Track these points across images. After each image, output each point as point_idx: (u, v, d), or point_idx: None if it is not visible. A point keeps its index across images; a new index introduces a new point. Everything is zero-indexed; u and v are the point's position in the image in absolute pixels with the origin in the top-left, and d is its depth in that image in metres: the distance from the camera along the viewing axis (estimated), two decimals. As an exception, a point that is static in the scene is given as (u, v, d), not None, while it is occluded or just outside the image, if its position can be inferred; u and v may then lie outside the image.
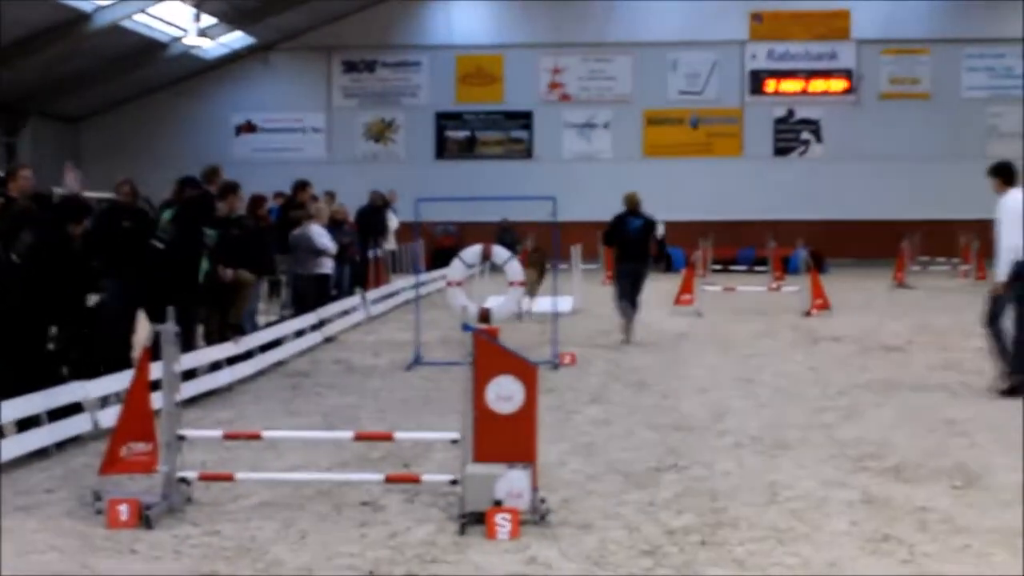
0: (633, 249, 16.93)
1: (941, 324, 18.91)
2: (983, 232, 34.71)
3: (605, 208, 33.04)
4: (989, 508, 7.22)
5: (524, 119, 40.03)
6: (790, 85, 39.72)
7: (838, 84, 39.70)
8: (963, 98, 39.48)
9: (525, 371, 6.94)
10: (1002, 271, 11.57)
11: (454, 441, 7.16)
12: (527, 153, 40.06)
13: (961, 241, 32.61)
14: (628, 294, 16.77)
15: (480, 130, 40.14)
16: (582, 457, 8.86)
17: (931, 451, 8.98)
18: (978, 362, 13.96)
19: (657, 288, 25.40)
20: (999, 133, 39.04)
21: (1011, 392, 11.43)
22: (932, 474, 8.18)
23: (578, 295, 22.03)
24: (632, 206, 17.02)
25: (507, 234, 35.00)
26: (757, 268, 31.13)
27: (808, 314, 20.26)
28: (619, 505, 7.35)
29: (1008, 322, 11.58)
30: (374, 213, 24.14)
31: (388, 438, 8.41)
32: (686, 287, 21.35)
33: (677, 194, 37.50)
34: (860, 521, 6.92)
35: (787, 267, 30.19)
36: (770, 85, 39.72)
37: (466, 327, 7.10)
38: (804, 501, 7.41)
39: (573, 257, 23.12)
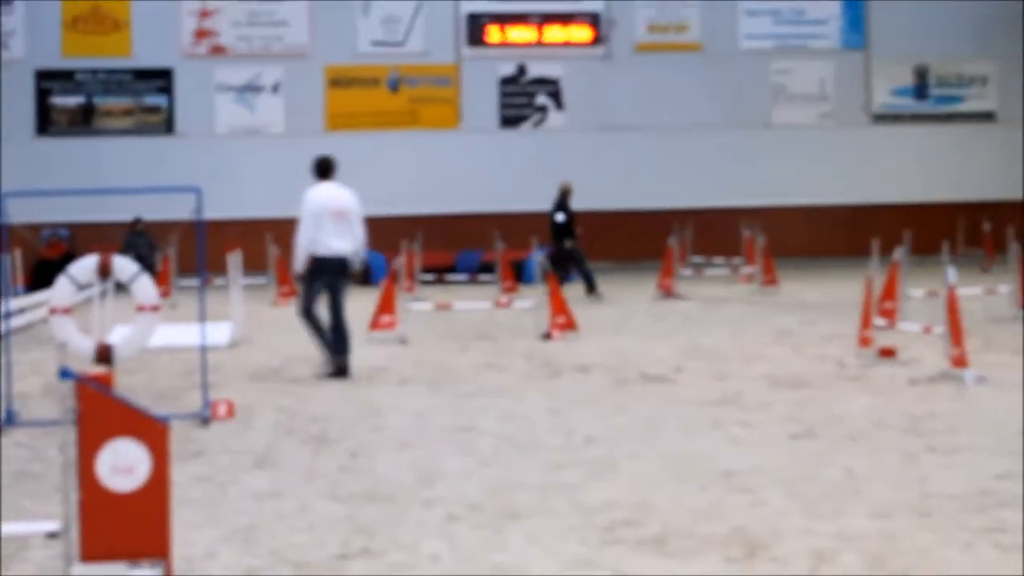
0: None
1: (717, 344, 19.63)
2: (774, 222, 36.55)
3: (274, 201, 32.73)
4: (774, 586, 7.48)
5: (161, 80, 39.56)
6: (520, 34, 40.55)
7: (582, 33, 40.76)
8: (742, 50, 41.19)
9: (150, 430, 6.80)
10: (298, 262, 16.80)
11: (52, 534, 6.92)
12: (167, 127, 39.59)
13: (744, 235, 33.88)
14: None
15: (100, 95, 39.51)
16: (239, 545, 8.72)
17: (703, 513, 9.24)
18: (762, 394, 14.61)
19: (348, 308, 25.41)
20: (788, 95, 41.05)
21: (338, 374, 16.62)
22: (703, 544, 8.41)
23: (239, 321, 21.75)
24: (562, 197, 28.75)
25: (141, 239, 34.52)
26: (482, 278, 31.50)
27: (548, 337, 20.64)
28: (289, 610, 7.28)
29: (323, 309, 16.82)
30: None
31: (-40, 533, 8.06)
32: (385, 306, 21.36)
33: (372, 181, 37.42)
34: (610, 613, 7.05)
35: (520, 275, 30.72)
36: (494, 34, 40.44)
37: (64, 373, 6.89)
38: (538, 590, 7.49)
39: (231, 268, 22.78)
